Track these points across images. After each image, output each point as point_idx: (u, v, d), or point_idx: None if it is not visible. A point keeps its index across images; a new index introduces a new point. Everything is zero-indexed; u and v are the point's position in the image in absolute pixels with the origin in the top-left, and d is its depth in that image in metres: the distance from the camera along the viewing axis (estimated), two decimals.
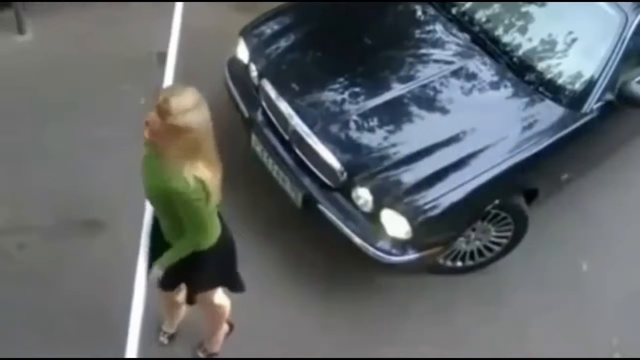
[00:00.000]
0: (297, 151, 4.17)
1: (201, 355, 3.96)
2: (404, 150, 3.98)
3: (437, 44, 4.51)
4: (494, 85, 4.31)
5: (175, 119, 2.68)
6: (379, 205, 3.87)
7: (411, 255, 3.94)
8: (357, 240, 3.94)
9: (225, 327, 3.92)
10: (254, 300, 4.00)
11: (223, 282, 3.50)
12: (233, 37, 4.74)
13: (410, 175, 3.89)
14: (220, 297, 3.63)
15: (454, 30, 4.57)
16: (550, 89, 4.27)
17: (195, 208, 2.87)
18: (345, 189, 3.99)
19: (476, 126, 4.07)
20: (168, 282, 3.36)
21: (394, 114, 4.14)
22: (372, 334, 4.14)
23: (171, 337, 4.00)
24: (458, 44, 4.49)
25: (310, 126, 4.07)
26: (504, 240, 4.31)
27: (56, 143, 4.75)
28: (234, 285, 3.53)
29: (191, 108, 2.70)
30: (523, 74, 4.33)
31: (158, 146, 2.83)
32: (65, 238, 4.32)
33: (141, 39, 5.37)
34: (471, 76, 4.33)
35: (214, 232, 3.11)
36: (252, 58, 4.54)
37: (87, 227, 4.38)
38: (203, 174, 2.82)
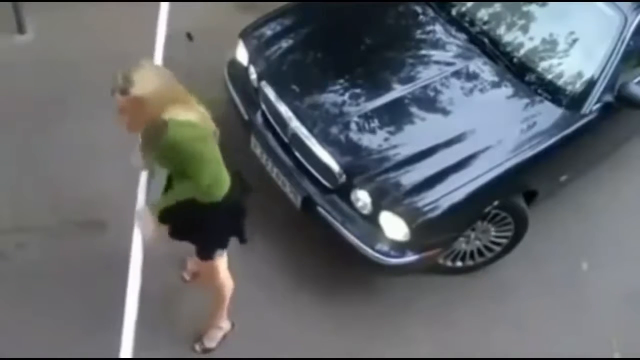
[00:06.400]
0: (297, 153, 4.16)
1: (197, 348, 3.96)
2: (403, 152, 3.98)
3: (437, 45, 4.50)
4: (494, 87, 4.30)
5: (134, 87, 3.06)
6: (377, 207, 3.87)
7: (410, 257, 3.94)
8: (356, 242, 3.93)
9: (227, 325, 3.93)
10: (254, 300, 4.03)
11: (231, 235, 3.54)
12: (235, 37, 4.72)
13: (409, 177, 3.89)
14: (225, 274, 3.66)
15: (454, 31, 4.55)
16: (549, 90, 4.26)
17: (197, 151, 3.06)
18: (344, 191, 3.98)
19: (476, 127, 4.07)
20: (175, 232, 3.54)
21: (394, 116, 4.14)
22: (372, 334, 4.14)
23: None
24: (458, 45, 4.48)
25: (310, 128, 4.07)
26: (504, 240, 4.31)
27: (56, 143, 4.75)
28: (241, 236, 3.59)
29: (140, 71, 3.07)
30: (523, 75, 4.32)
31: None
32: (65, 238, 4.32)
33: (142, 38, 5.36)
34: (471, 77, 4.32)
35: (222, 181, 3.24)
36: (252, 60, 4.52)
37: (87, 227, 4.38)
38: (186, 115, 3.03)
